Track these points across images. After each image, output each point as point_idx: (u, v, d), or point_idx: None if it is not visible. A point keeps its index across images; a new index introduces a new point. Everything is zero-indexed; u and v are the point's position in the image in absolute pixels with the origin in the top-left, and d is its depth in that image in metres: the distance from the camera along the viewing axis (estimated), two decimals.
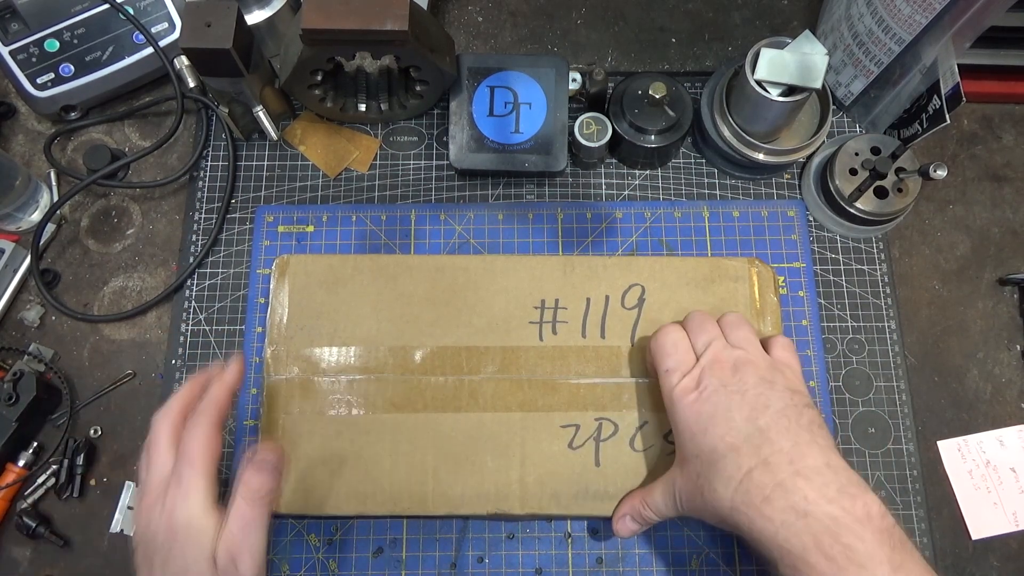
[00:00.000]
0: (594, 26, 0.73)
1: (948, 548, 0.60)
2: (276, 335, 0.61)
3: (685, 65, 0.72)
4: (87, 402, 0.63)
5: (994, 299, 0.66)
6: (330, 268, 0.63)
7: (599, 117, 0.64)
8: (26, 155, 0.70)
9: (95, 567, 0.60)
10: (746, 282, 0.62)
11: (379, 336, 0.61)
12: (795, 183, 0.68)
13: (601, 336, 0.61)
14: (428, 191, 0.68)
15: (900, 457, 0.61)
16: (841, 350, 0.64)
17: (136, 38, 0.68)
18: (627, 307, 0.62)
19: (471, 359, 0.61)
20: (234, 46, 0.56)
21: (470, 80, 0.65)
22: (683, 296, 0.62)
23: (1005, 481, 0.61)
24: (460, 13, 0.74)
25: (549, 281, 0.63)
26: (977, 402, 0.63)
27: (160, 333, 0.65)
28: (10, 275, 0.65)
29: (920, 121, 0.62)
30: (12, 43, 0.67)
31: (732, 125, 0.63)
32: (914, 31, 0.57)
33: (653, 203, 0.68)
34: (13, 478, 0.60)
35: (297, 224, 0.67)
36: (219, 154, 0.69)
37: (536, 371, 0.60)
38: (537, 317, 0.62)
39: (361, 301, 0.62)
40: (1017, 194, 0.68)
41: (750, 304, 0.62)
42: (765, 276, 0.63)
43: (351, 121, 0.70)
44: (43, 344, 0.64)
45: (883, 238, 0.67)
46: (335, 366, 0.60)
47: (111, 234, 0.68)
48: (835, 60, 0.66)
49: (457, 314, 0.62)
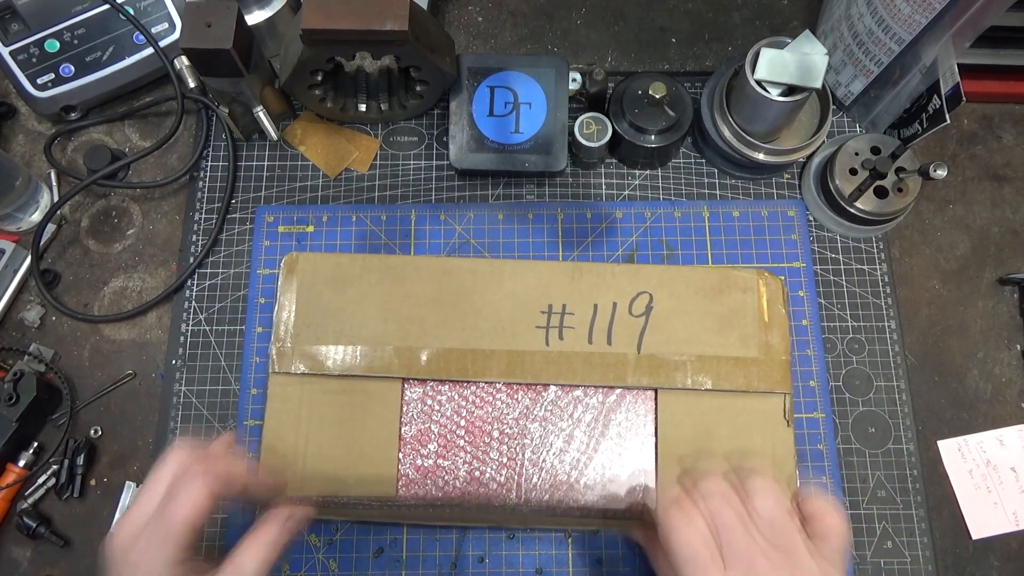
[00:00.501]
0: (594, 26, 0.73)
1: (948, 548, 0.60)
2: (282, 332, 0.61)
3: (685, 65, 0.72)
4: (87, 402, 0.63)
5: (994, 299, 0.66)
6: (338, 267, 0.63)
7: (599, 117, 0.64)
8: (26, 155, 0.70)
9: (95, 567, 0.60)
10: (754, 293, 0.62)
11: (385, 336, 0.61)
12: (795, 183, 0.68)
13: (608, 343, 0.61)
14: (428, 191, 0.68)
15: (900, 457, 0.61)
16: (841, 350, 0.64)
17: (136, 38, 0.68)
18: (634, 315, 0.62)
19: (476, 362, 0.61)
20: (234, 46, 0.56)
21: (470, 80, 0.65)
22: (691, 305, 0.62)
23: (1005, 481, 0.61)
24: (460, 13, 0.74)
25: (557, 286, 0.63)
26: (977, 402, 0.63)
27: (160, 333, 0.65)
28: (10, 275, 0.65)
29: (920, 121, 0.62)
30: (12, 43, 0.67)
31: (732, 125, 0.63)
32: (914, 31, 0.57)
33: (653, 203, 0.68)
34: (13, 478, 0.60)
35: (297, 224, 0.67)
36: (219, 154, 0.69)
37: (541, 376, 0.60)
38: (544, 322, 0.62)
39: (368, 301, 0.62)
40: (1017, 194, 0.68)
41: (758, 316, 0.62)
42: (774, 288, 0.63)
43: (351, 121, 0.70)
44: (43, 344, 0.64)
45: (883, 238, 0.67)
46: (340, 364, 0.61)
47: (111, 234, 0.68)
48: (835, 60, 0.66)
49: (463, 317, 0.62)
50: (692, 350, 0.61)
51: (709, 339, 0.61)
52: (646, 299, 0.62)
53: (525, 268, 0.63)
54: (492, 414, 0.61)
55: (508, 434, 0.60)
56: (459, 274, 0.63)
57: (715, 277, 0.63)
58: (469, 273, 0.63)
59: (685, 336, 0.61)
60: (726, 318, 0.61)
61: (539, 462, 0.60)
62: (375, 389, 0.61)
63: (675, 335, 0.61)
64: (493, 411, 0.61)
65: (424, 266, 0.63)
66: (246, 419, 0.62)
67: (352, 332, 0.61)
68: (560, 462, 0.60)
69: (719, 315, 0.62)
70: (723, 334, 0.61)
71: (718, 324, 0.61)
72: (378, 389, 0.61)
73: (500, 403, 0.61)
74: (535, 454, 0.60)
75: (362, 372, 0.60)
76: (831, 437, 0.62)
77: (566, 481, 0.59)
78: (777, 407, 0.60)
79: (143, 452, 0.62)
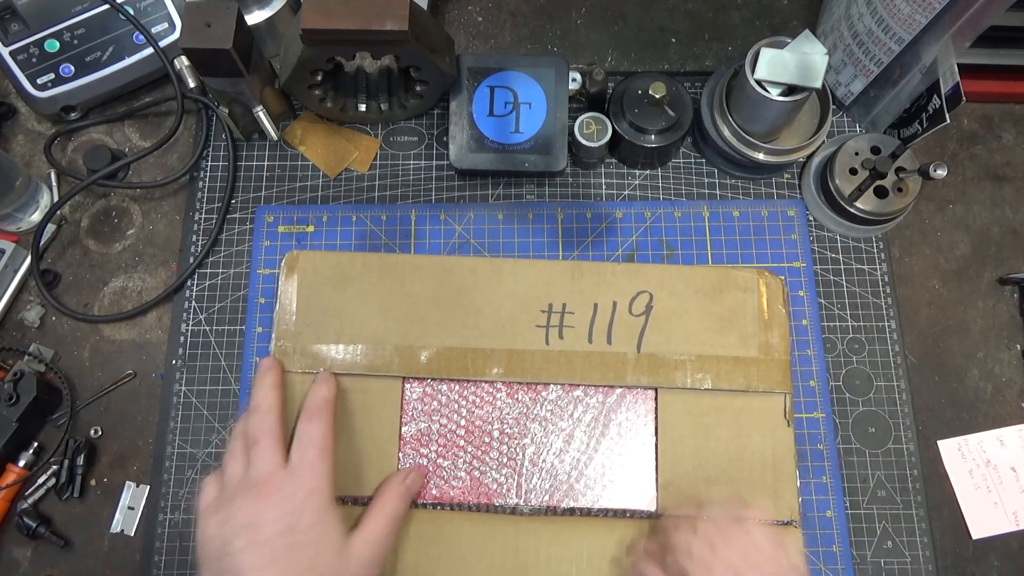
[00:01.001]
0: (594, 26, 0.74)
1: (948, 548, 0.60)
2: (283, 331, 0.61)
3: (685, 65, 0.72)
4: (87, 402, 0.63)
5: (994, 299, 0.66)
6: (339, 265, 0.63)
7: (599, 117, 0.64)
8: (26, 155, 0.70)
9: (95, 567, 0.60)
10: (754, 293, 0.62)
11: (386, 335, 0.61)
12: (795, 183, 0.68)
13: (608, 342, 0.61)
14: (428, 191, 0.68)
15: (900, 457, 0.61)
16: (841, 350, 0.64)
17: (136, 38, 0.68)
18: (635, 314, 0.62)
19: (477, 361, 0.61)
20: (234, 46, 0.56)
21: (470, 80, 0.65)
22: (691, 305, 0.62)
23: (1005, 481, 0.61)
24: (460, 13, 0.74)
25: (557, 285, 0.63)
26: (977, 402, 0.63)
27: (160, 333, 0.65)
28: (10, 275, 0.65)
29: (920, 121, 0.62)
30: (12, 43, 0.67)
31: (732, 125, 0.63)
32: (914, 31, 0.57)
33: (653, 203, 0.68)
34: (13, 478, 0.60)
35: (297, 224, 0.67)
36: (219, 154, 0.69)
37: (541, 375, 0.60)
38: (544, 321, 0.62)
39: (369, 299, 0.62)
40: (1017, 194, 0.68)
41: (758, 315, 0.62)
42: (774, 287, 0.63)
43: (351, 121, 0.70)
44: (43, 344, 0.64)
45: (883, 238, 0.67)
46: (341, 363, 0.61)
47: (111, 234, 0.68)
48: (835, 60, 0.66)
49: (464, 315, 0.62)
50: (692, 349, 0.61)
51: (709, 339, 0.61)
52: (646, 298, 0.62)
53: (525, 267, 0.63)
54: (492, 413, 0.61)
55: (508, 433, 0.60)
56: (459, 273, 0.63)
57: (715, 276, 0.63)
58: (469, 272, 0.63)
59: (685, 335, 0.61)
60: (726, 318, 0.61)
61: (539, 462, 0.60)
62: (375, 388, 0.61)
63: (675, 334, 0.61)
64: (493, 410, 0.61)
65: (424, 265, 0.63)
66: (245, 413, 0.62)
67: (353, 331, 0.61)
68: (560, 462, 0.60)
69: (719, 315, 0.62)
70: (723, 334, 0.61)
71: (718, 324, 0.61)
72: (378, 388, 0.61)
73: (500, 402, 0.61)
74: (535, 454, 0.60)
75: (362, 371, 0.60)
76: (831, 437, 0.62)
77: (566, 481, 0.59)
78: (777, 407, 0.60)
79: (143, 452, 0.62)
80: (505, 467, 0.60)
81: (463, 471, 0.60)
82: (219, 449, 0.62)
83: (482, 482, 0.59)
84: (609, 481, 0.59)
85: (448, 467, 0.60)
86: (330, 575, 0.49)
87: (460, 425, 0.60)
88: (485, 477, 0.59)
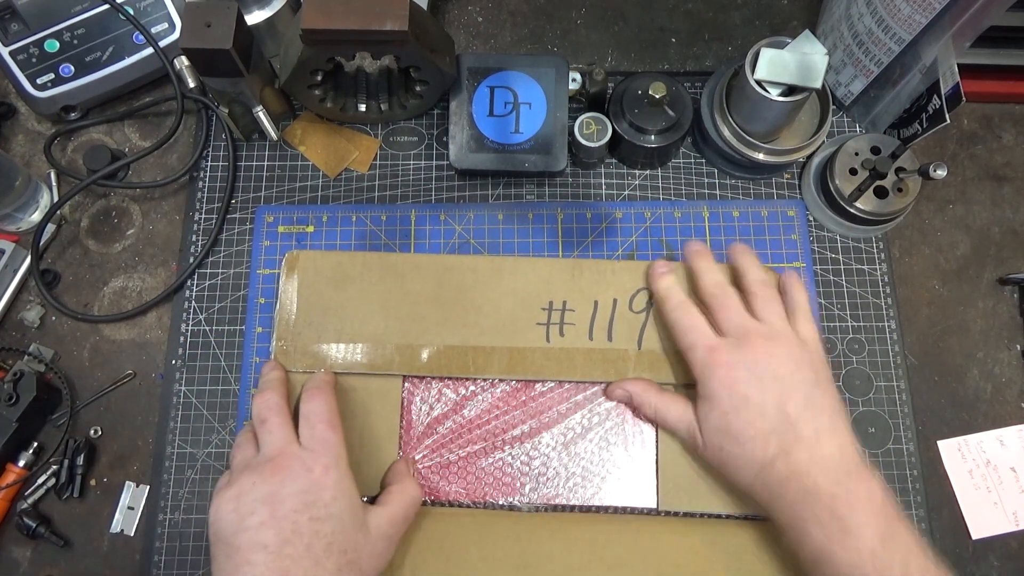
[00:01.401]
0: (594, 26, 0.74)
1: (948, 548, 0.60)
2: (284, 330, 0.61)
3: (685, 65, 0.72)
4: (87, 402, 0.63)
5: (994, 299, 0.66)
6: (339, 265, 0.63)
7: (599, 117, 0.64)
8: (26, 155, 0.70)
9: (95, 567, 0.60)
10: None
11: (386, 334, 0.61)
12: (795, 183, 0.68)
13: (608, 339, 0.61)
14: (428, 191, 0.68)
15: (900, 457, 0.61)
16: (841, 350, 0.64)
17: (136, 38, 0.68)
18: (635, 311, 0.62)
19: (477, 359, 0.61)
20: (234, 46, 0.56)
21: (470, 80, 0.65)
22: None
23: (1005, 481, 0.61)
24: (460, 13, 0.74)
25: (557, 283, 0.63)
26: (977, 402, 0.63)
27: (160, 333, 0.65)
28: (10, 275, 0.65)
29: (920, 121, 0.62)
30: (12, 43, 0.67)
31: (732, 125, 0.63)
32: (914, 31, 0.57)
33: (653, 203, 0.68)
34: (13, 478, 0.60)
35: (297, 224, 0.67)
36: (219, 154, 0.69)
37: (542, 372, 0.60)
38: (544, 319, 0.62)
39: (369, 298, 0.62)
40: (1017, 194, 0.68)
41: None
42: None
43: (351, 121, 0.70)
44: (43, 344, 0.64)
45: (883, 238, 0.67)
46: (342, 362, 0.61)
47: (111, 234, 0.68)
48: (835, 60, 0.66)
49: (464, 314, 0.62)
50: None
51: None
52: (646, 295, 0.62)
53: (525, 265, 0.63)
54: (492, 411, 0.61)
55: (509, 431, 0.60)
56: (460, 271, 0.63)
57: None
58: (470, 270, 0.63)
59: None
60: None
61: (540, 459, 0.60)
62: (376, 386, 0.61)
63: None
64: (494, 408, 0.61)
65: (425, 264, 0.63)
66: (246, 419, 0.62)
67: (353, 330, 0.61)
68: (561, 459, 0.60)
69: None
70: None
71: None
72: (379, 386, 0.61)
73: (501, 400, 0.61)
74: (536, 451, 0.60)
75: (363, 370, 0.60)
76: None
77: (567, 478, 0.59)
78: None
79: (143, 452, 0.62)
80: (506, 465, 0.60)
81: (464, 469, 0.60)
82: (219, 449, 0.62)
83: (483, 480, 0.59)
84: (610, 478, 0.59)
85: (449, 465, 0.60)
86: (352, 550, 0.49)
87: (461, 423, 0.60)
88: (486, 475, 0.59)
